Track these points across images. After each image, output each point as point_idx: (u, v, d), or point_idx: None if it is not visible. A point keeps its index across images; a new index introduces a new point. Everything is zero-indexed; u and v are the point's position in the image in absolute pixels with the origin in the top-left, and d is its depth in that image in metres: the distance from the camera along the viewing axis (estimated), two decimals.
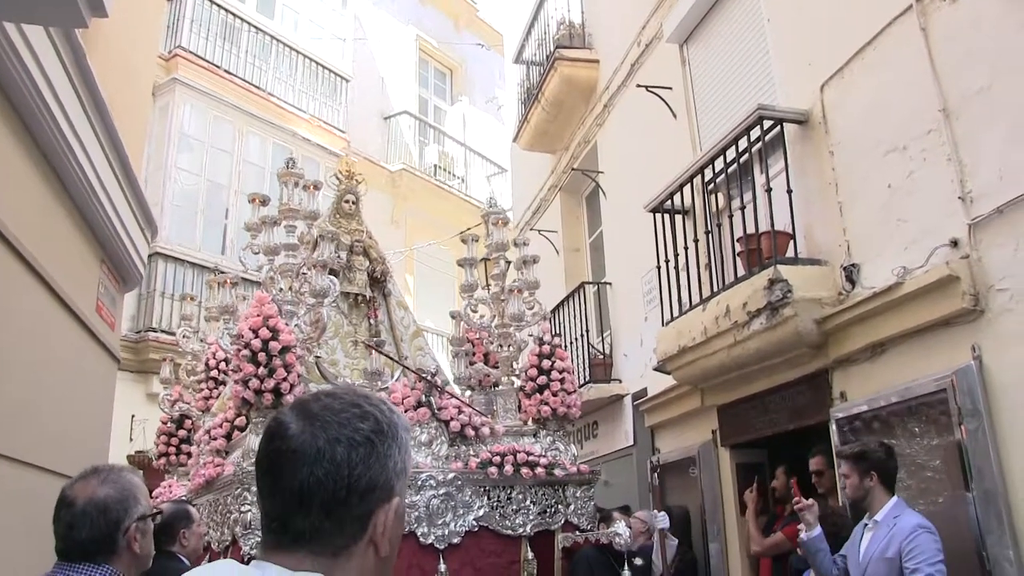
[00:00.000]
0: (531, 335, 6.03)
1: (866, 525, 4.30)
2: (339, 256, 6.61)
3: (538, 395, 5.69)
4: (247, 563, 1.20)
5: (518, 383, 5.99)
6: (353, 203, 7.01)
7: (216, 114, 13.57)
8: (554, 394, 5.65)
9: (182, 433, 6.87)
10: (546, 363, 5.72)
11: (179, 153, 12.97)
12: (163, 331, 11.82)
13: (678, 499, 7.53)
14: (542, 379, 5.70)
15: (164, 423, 6.95)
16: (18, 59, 3.70)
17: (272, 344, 4.94)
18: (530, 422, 5.76)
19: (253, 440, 4.97)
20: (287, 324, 5.24)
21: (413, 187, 17.45)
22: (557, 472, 5.45)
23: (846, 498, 4.73)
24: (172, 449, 6.89)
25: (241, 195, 13.51)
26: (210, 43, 13.80)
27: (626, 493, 8.45)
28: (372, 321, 6.79)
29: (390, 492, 1.21)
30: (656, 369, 7.40)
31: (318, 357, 5.92)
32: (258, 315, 5.03)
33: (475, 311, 6.24)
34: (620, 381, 9.20)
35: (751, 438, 6.65)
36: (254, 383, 4.86)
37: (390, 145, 17.60)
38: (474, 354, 6.49)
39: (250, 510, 4.78)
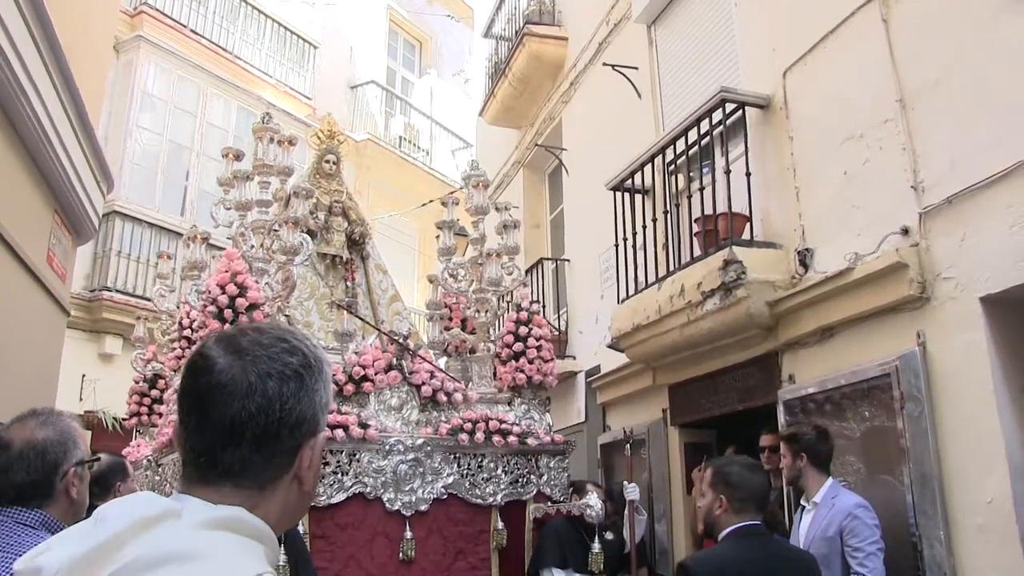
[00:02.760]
0: (508, 301, 5.93)
1: (804, 508, 4.41)
2: (317, 216, 6.54)
3: (514, 362, 5.64)
4: None
5: (494, 350, 5.96)
6: (334, 163, 6.92)
7: (180, 74, 13.38)
8: (530, 361, 5.61)
9: (155, 393, 6.78)
10: (523, 330, 5.68)
11: (141, 112, 12.79)
12: (118, 291, 11.70)
13: (625, 477, 7.59)
14: (518, 346, 5.65)
15: (136, 382, 6.85)
16: None
17: (239, 301, 4.87)
18: (505, 390, 5.73)
19: None
20: (257, 282, 5.16)
21: (377, 158, 17.34)
22: (530, 441, 5.40)
23: (784, 479, 4.82)
24: (144, 409, 6.81)
25: (203, 157, 13.39)
26: (177, 1, 13.58)
27: (575, 469, 8.50)
28: (349, 283, 6.72)
29: (316, 426, 1.22)
30: (610, 346, 7.45)
31: (287, 316, 5.85)
32: (226, 271, 4.94)
33: (453, 275, 6.18)
34: (574, 358, 9.26)
35: (701, 418, 6.74)
36: None
37: (356, 115, 17.46)
38: (451, 319, 6.44)
39: None
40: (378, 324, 6.32)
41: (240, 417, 1.14)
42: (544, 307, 9.75)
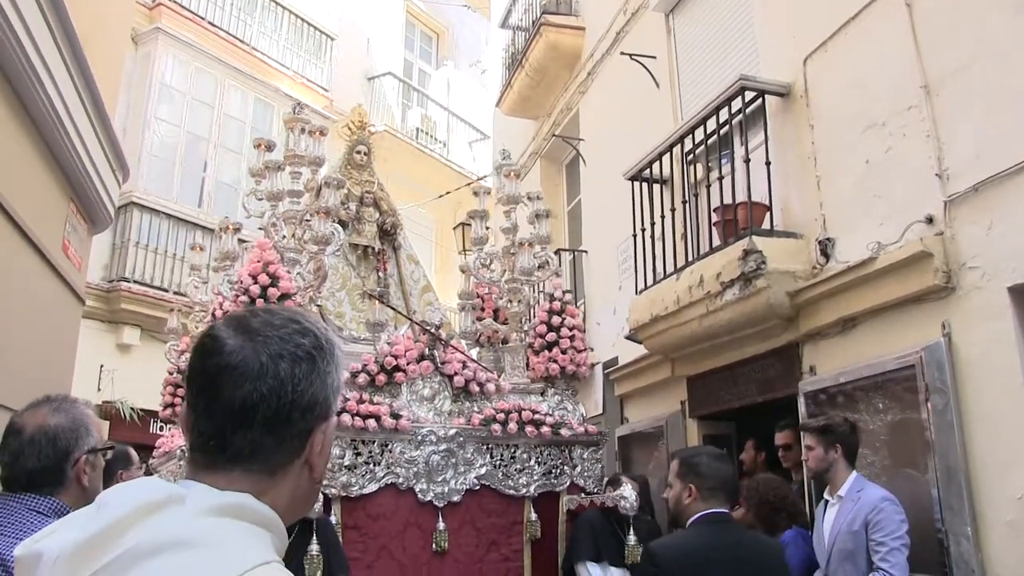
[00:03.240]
0: (541, 291, 5.88)
1: (828, 501, 4.33)
2: (348, 207, 6.52)
3: (546, 352, 5.60)
4: None
5: (527, 340, 5.93)
6: (365, 154, 6.91)
7: (198, 66, 13.37)
8: (563, 351, 5.57)
9: None
10: (556, 320, 5.65)
11: (159, 104, 12.80)
12: (136, 281, 11.72)
13: (643, 470, 7.54)
14: (551, 336, 5.62)
15: (171, 374, 6.86)
16: None
17: (271, 291, 4.84)
18: (538, 380, 5.66)
19: None
20: (289, 272, 5.15)
21: (394, 150, 17.29)
22: (563, 432, 5.36)
23: (808, 471, 4.74)
24: (178, 400, 6.79)
25: (220, 148, 13.42)
26: None
27: None
28: (381, 274, 6.69)
29: (328, 410, 1.20)
30: (628, 338, 7.39)
31: (319, 306, 5.83)
32: (258, 261, 4.93)
33: (486, 265, 6.15)
34: (592, 350, 9.14)
35: (720, 409, 6.66)
36: None
37: (373, 106, 17.39)
38: (483, 310, 6.40)
39: None
40: (410, 314, 6.28)
41: (251, 399, 1.12)
42: None
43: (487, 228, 6.21)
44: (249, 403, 1.12)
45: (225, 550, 1.03)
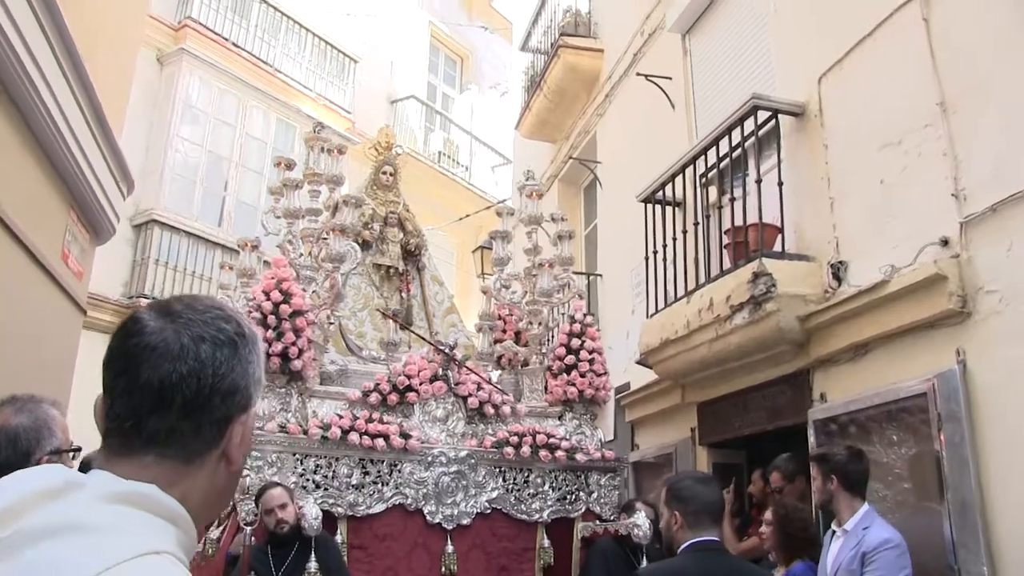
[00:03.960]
0: (563, 313, 5.83)
1: (834, 533, 4.12)
2: (372, 227, 6.50)
3: (565, 375, 5.50)
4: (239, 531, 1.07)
5: (546, 362, 5.79)
6: (391, 175, 6.90)
7: (221, 87, 13.48)
8: (582, 375, 5.47)
9: None
10: (575, 342, 5.53)
11: (182, 123, 12.92)
12: (155, 298, 11.70)
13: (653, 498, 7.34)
14: (570, 359, 5.50)
15: None
16: None
17: (283, 307, 4.87)
18: (557, 403, 5.56)
19: (259, 405, 4.84)
20: (305, 289, 5.16)
21: (416, 173, 17.27)
22: (578, 457, 5.27)
23: (816, 502, 4.54)
24: None
25: (242, 168, 13.49)
26: (220, 15, 13.71)
27: None
28: (404, 295, 6.66)
29: (248, 400, 1.17)
30: (638, 362, 7.22)
31: (330, 323, 5.79)
32: (272, 278, 4.97)
33: (507, 287, 6.07)
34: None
35: (729, 437, 6.47)
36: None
37: (395, 129, 17.40)
38: (504, 331, 6.30)
39: (248, 475, 4.67)
40: (432, 336, 6.19)
41: (170, 379, 1.09)
42: None
43: (508, 250, 6.13)
44: (167, 383, 1.08)
45: (114, 536, 0.98)
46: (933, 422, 4.22)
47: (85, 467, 3.80)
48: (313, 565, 4.33)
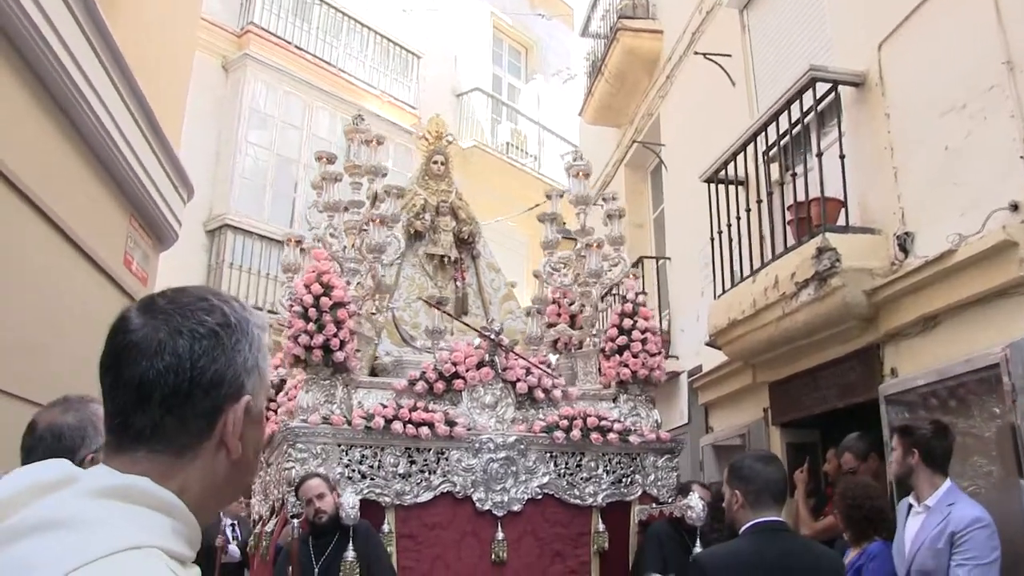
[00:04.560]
0: (616, 293, 5.73)
1: (911, 507, 3.98)
2: (424, 218, 6.53)
3: (618, 356, 5.44)
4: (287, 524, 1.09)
5: (599, 344, 5.75)
6: (442, 164, 6.90)
7: (287, 89, 13.70)
8: (635, 355, 5.39)
9: (281, 398, 6.88)
10: (627, 322, 5.47)
11: (250, 128, 13.15)
12: None
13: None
14: (622, 339, 5.44)
15: None
16: (25, 16, 3.69)
17: (323, 300, 4.89)
18: (611, 385, 5.50)
19: (303, 398, 4.92)
20: (349, 282, 5.18)
21: (485, 164, 17.33)
22: (632, 439, 5.19)
23: (891, 474, 4.41)
24: (273, 415, 6.91)
25: (310, 169, 13.64)
26: (282, 19, 13.93)
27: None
28: (459, 283, 6.66)
29: (239, 389, 1.15)
30: (707, 344, 7.14)
31: (374, 314, 5.84)
32: (312, 271, 5.00)
33: (557, 269, 6.03)
34: (677, 358, 8.94)
35: (801, 416, 6.34)
36: (303, 339, 4.80)
37: (462, 122, 17.49)
38: (559, 315, 6.28)
39: (293, 467, 4.71)
40: (489, 323, 6.19)
41: (147, 376, 1.09)
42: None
43: (562, 232, 6.08)
44: (145, 380, 1.09)
45: (98, 530, 0.98)
46: (1007, 393, 4.08)
47: None
48: (351, 555, 4.32)
